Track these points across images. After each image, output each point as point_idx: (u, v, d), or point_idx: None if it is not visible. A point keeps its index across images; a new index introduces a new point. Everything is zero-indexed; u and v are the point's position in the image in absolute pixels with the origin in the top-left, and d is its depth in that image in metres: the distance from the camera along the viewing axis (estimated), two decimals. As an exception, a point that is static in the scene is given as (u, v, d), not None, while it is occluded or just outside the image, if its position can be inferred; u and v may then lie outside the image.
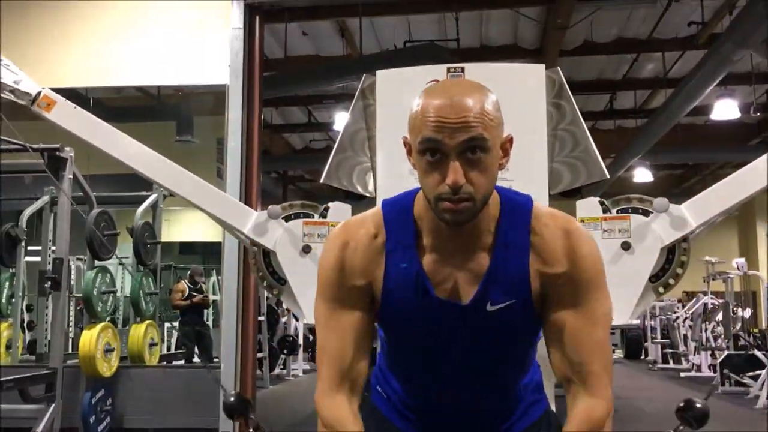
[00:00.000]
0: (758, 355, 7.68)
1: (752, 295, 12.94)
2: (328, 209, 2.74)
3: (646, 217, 2.51)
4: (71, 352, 5.54)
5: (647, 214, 2.52)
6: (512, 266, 1.16)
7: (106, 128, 2.84)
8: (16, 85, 2.79)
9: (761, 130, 10.78)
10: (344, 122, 2.83)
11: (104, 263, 4.77)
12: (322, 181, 2.73)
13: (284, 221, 2.71)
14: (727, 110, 8.51)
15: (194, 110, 6.86)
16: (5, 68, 2.78)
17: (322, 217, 2.72)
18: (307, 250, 2.66)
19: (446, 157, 1.07)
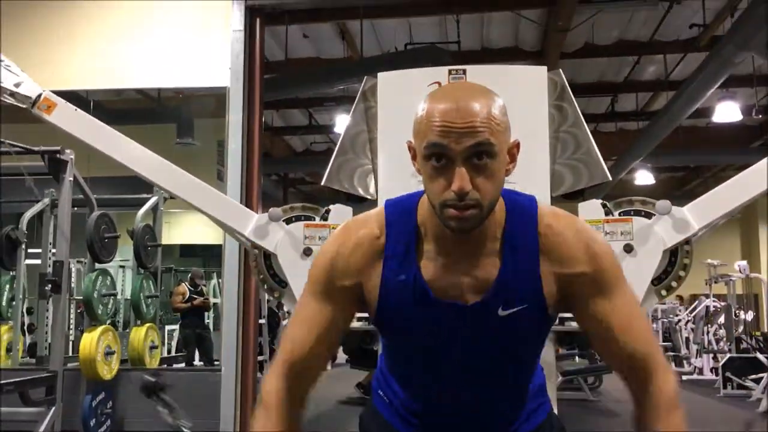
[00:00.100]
0: (760, 358, 7.66)
1: (754, 297, 12.91)
2: (329, 212, 2.73)
3: (648, 219, 2.51)
4: (71, 355, 5.53)
5: (649, 216, 2.51)
6: (522, 270, 1.14)
7: (106, 130, 2.83)
8: (16, 88, 2.78)
9: (763, 132, 10.75)
10: (345, 125, 2.83)
11: (105, 266, 4.76)
12: (323, 183, 2.72)
13: (285, 224, 2.70)
14: (728, 112, 8.50)
15: (195, 113, 6.84)
16: (7, 69, 2.78)
17: (323, 219, 2.72)
18: (308, 252, 2.65)
19: (452, 162, 1.05)
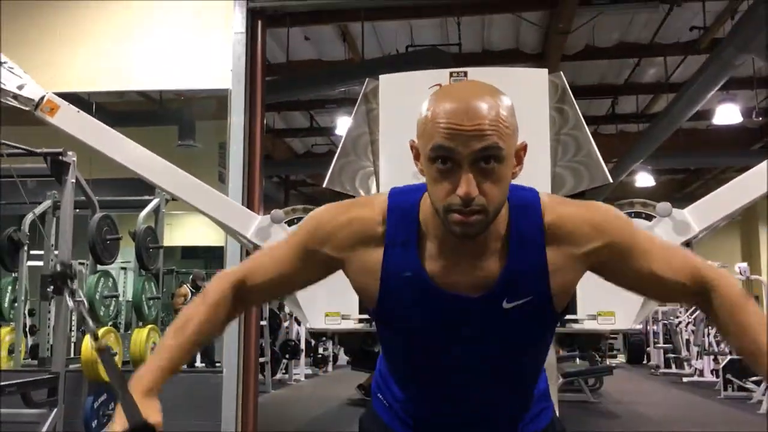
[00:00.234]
0: (761, 359, 7.64)
1: (755, 299, 12.89)
2: (330, 213, 2.73)
3: (648, 221, 2.51)
4: (73, 356, 5.53)
5: (650, 218, 2.52)
6: (529, 264, 1.11)
7: (109, 132, 2.84)
8: (19, 90, 2.79)
9: (763, 134, 10.76)
10: (347, 127, 2.84)
11: (106, 268, 4.77)
12: (324, 185, 2.73)
13: (287, 225, 2.71)
14: (729, 115, 8.51)
15: (196, 115, 6.85)
16: (10, 71, 2.78)
17: (324, 221, 2.72)
18: (309, 254, 2.66)
19: (458, 165, 1.01)
